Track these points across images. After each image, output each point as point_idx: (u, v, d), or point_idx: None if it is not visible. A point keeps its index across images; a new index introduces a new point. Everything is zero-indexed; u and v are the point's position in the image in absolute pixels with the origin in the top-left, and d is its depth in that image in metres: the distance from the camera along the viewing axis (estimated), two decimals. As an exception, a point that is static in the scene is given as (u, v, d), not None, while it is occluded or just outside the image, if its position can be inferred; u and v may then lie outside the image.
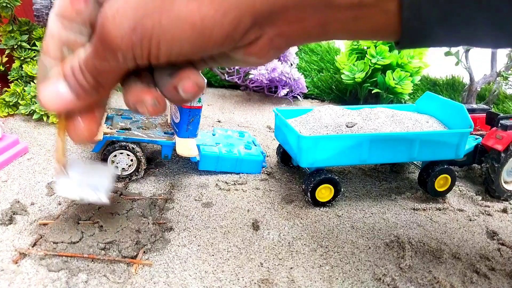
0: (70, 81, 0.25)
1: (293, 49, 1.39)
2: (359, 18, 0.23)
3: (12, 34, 0.99)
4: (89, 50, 0.24)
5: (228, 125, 1.06)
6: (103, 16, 0.22)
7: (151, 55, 0.23)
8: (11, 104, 0.95)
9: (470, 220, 0.68)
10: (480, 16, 0.22)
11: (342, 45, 1.48)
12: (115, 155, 0.69)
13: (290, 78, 1.26)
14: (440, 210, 0.71)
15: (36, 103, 0.93)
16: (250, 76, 1.26)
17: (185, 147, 0.72)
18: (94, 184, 0.49)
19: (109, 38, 0.22)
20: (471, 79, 1.21)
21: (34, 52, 1.00)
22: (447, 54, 1.15)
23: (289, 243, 0.58)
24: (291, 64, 1.35)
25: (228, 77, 1.32)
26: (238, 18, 0.22)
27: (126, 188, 0.68)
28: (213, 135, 0.85)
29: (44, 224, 0.55)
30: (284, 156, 0.81)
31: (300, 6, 0.23)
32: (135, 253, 0.51)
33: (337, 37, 0.26)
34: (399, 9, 0.22)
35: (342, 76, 1.25)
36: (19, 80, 0.98)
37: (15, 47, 0.99)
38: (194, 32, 0.22)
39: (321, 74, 1.43)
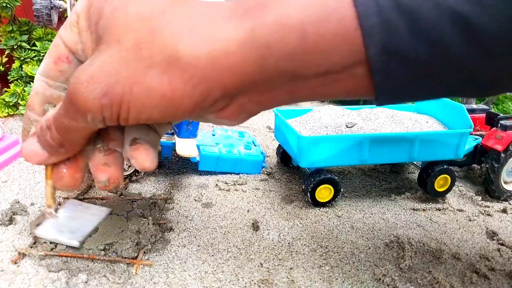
0: (40, 140, 0.27)
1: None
2: (327, 84, 0.24)
3: (12, 34, 0.99)
4: (59, 109, 0.26)
5: (228, 125, 1.06)
6: (76, 79, 0.23)
7: (120, 118, 0.24)
8: (11, 104, 0.95)
9: (470, 220, 0.68)
10: (453, 74, 0.22)
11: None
12: (115, 156, 0.69)
13: (290, 78, 1.26)
14: (440, 210, 0.71)
15: (36, 103, 0.93)
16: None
17: (185, 147, 0.72)
18: (77, 226, 0.51)
19: (80, 100, 0.23)
20: (471, 79, 1.21)
21: (34, 52, 1.00)
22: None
23: (289, 243, 0.58)
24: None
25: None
26: (207, 90, 0.23)
27: (126, 189, 0.68)
28: (213, 135, 0.85)
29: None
30: (284, 157, 0.81)
31: (268, 81, 0.23)
32: (135, 254, 0.51)
33: (308, 99, 0.27)
34: (368, 73, 0.22)
35: (342, 76, 1.25)
36: (19, 80, 0.98)
37: (15, 47, 0.99)
38: (164, 101, 0.23)
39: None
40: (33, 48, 1.01)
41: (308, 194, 0.67)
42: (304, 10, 0.22)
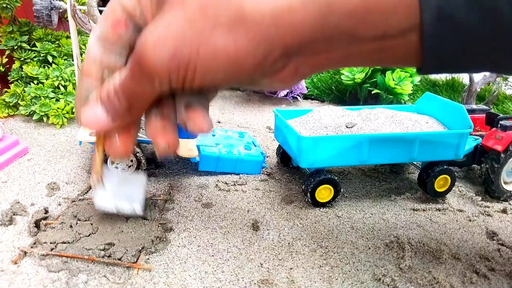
0: (106, 105, 0.27)
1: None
2: (382, 49, 0.24)
3: (12, 35, 0.99)
4: (125, 74, 0.26)
5: (228, 125, 1.07)
6: (143, 42, 0.23)
7: (186, 81, 0.24)
8: (11, 104, 0.95)
9: (470, 221, 0.68)
10: (504, 45, 0.22)
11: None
12: (115, 156, 0.69)
13: (290, 79, 1.26)
14: (439, 211, 0.71)
15: (36, 103, 0.93)
16: (250, 77, 1.26)
17: (185, 147, 0.72)
18: (129, 194, 0.51)
19: (148, 64, 0.23)
20: (471, 80, 1.21)
21: (34, 53, 1.00)
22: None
23: (289, 243, 0.58)
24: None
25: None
26: (269, 49, 0.23)
27: (126, 189, 0.68)
28: (213, 135, 0.85)
29: (44, 225, 0.55)
30: (284, 157, 0.81)
31: (327, 39, 0.24)
32: (135, 254, 0.51)
33: (359, 65, 0.27)
34: (420, 39, 0.23)
35: (342, 76, 1.25)
36: (19, 81, 0.98)
37: (15, 48, 0.99)
38: (229, 61, 0.23)
39: (320, 74, 1.43)
40: (33, 48, 1.01)
41: (308, 194, 0.67)
42: None
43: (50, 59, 1.01)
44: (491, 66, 0.25)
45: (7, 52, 0.99)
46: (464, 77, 1.41)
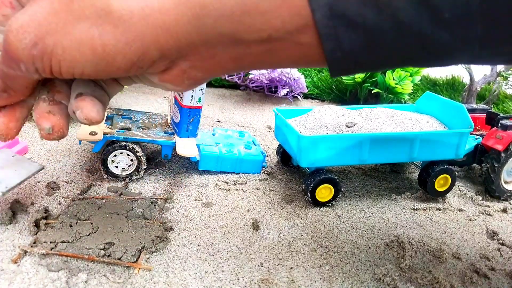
0: None
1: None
2: (272, 51, 0.23)
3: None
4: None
5: (228, 125, 1.06)
6: (8, 28, 0.23)
7: (53, 70, 0.24)
8: (11, 104, 0.95)
9: (470, 220, 0.68)
10: (404, 41, 0.21)
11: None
12: (115, 155, 0.69)
13: (290, 78, 1.26)
14: (440, 210, 0.71)
15: (36, 103, 0.93)
16: (250, 76, 1.26)
17: (185, 147, 0.72)
18: (2, 177, 0.50)
19: (11, 49, 0.23)
20: (471, 79, 1.21)
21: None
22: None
23: (289, 243, 0.58)
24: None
25: (228, 77, 1.32)
26: (142, 49, 0.22)
27: (126, 188, 0.67)
28: (213, 135, 0.85)
29: (44, 224, 0.55)
30: (284, 156, 0.81)
31: (208, 44, 0.23)
32: (135, 253, 0.51)
33: (255, 68, 0.26)
34: (317, 40, 0.21)
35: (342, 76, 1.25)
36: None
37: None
38: (95, 57, 0.22)
39: (321, 74, 1.43)
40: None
41: (308, 193, 0.67)
42: None
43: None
44: (399, 63, 0.24)
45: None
46: (464, 77, 1.41)
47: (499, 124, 0.76)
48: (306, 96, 1.39)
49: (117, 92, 0.30)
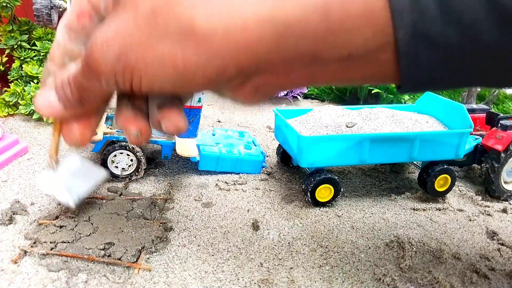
0: (59, 93, 0.27)
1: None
2: (349, 68, 0.23)
3: (12, 34, 0.99)
4: (78, 67, 0.26)
5: (228, 125, 1.06)
6: (93, 41, 0.23)
7: (133, 85, 0.24)
8: (11, 104, 0.95)
9: (470, 220, 0.68)
10: (484, 62, 0.21)
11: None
12: (115, 155, 0.69)
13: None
14: (440, 210, 0.71)
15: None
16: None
17: (185, 147, 0.72)
18: (73, 185, 0.50)
19: (94, 62, 0.23)
20: (471, 79, 1.21)
21: (34, 52, 1.00)
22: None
23: (289, 243, 0.58)
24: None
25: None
26: (221, 66, 0.23)
27: (126, 188, 0.68)
28: (213, 135, 0.85)
29: (44, 224, 0.55)
30: (284, 156, 0.81)
31: (286, 61, 0.23)
32: (135, 253, 0.51)
33: (328, 83, 0.26)
34: (394, 58, 0.22)
35: (342, 76, 1.25)
36: (19, 80, 0.98)
37: (15, 47, 0.99)
38: (176, 73, 0.23)
39: (321, 74, 1.43)
40: (33, 47, 1.01)
41: (308, 194, 0.67)
42: None
43: (50, 58, 1.01)
44: (476, 83, 0.24)
45: (7, 51, 0.99)
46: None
47: (499, 124, 0.76)
48: (306, 96, 1.39)
49: (187, 101, 0.31)
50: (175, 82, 0.23)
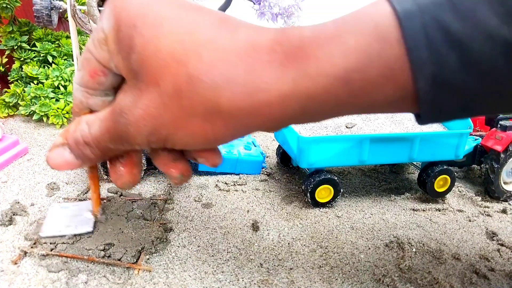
0: (74, 152, 0.28)
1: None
2: (369, 110, 0.25)
3: (12, 35, 0.99)
4: (100, 132, 0.27)
5: (228, 125, 1.06)
6: (124, 118, 0.24)
7: (166, 146, 0.26)
8: (11, 105, 0.95)
9: (470, 221, 0.68)
10: (501, 101, 0.22)
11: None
12: (115, 156, 0.69)
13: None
14: (439, 211, 0.71)
15: (36, 103, 0.93)
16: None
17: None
18: (79, 221, 0.53)
19: (130, 137, 0.25)
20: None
21: (34, 53, 1.00)
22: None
23: (288, 243, 0.58)
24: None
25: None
26: (248, 131, 0.25)
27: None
28: (213, 135, 0.85)
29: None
30: (283, 157, 0.81)
31: (307, 117, 0.25)
32: (135, 254, 0.51)
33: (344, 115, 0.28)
34: (414, 104, 0.22)
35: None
36: (19, 81, 0.98)
37: (15, 47, 0.99)
38: (207, 142, 0.25)
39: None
40: (33, 48, 1.01)
41: (308, 194, 0.67)
42: (347, 57, 0.21)
43: (50, 59, 1.01)
44: (490, 113, 0.26)
45: (7, 52, 0.99)
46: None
47: (499, 125, 0.76)
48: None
49: None
50: (207, 146, 0.25)
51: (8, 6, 0.93)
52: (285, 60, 0.22)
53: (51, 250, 0.50)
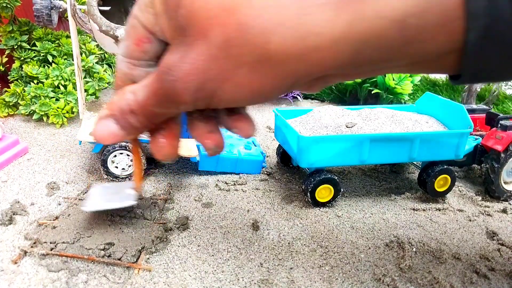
0: (120, 122, 0.28)
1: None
2: (414, 67, 0.24)
3: (12, 35, 0.99)
4: (146, 97, 0.27)
5: (228, 125, 1.06)
6: (171, 75, 0.24)
7: (211, 106, 0.25)
8: (11, 104, 0.95)
9: (470, 221, 0.68)
10: None
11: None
12: (115, 156, 0.69)
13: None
14: (440, 211, 0.71)
15: (36, 103, 0.93)
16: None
17: (185, 147, 0.72)
18: (120, 197, 0.55)
19: (177, 94, 0.25)
20: (471, 80, 1.21)
21: (34, 53, 1.00)
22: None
23: (289, 243, 0.58)
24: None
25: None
26: (295, 81, 0.24)
27: (126, 188, 0.67)
28: (213, 135, 0.85)
29: (44, 224, 0.55)
30: (284, 157, 0.81)
31: (357, 67, 0.24)
32: (135, 254, 0.51)
33: (387, 73, 0.28)
34: (460, 57, 0.22)
35: (342, 76, 1.25)
36: (19, 80, 0.98)
37: (15, 47, 0.99)
38: (254, 94, 0.24)
39: (321, 74, 1.43)
40: (33, 48, 1.01)
41: (308, 194, 0.67)
42: (407, 0, 0.21)
43: (50, 58, 1.01)
44: None
45: (7, 52, 0.99)
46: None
47: (499, 125, 0.76)
48: (306, 97, 1.39)
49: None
50: (251, 100, 0.25)
51: (8, 6, 0.93)
52: (341, 2, 0.21)
53: (51, 250, 0.49)
